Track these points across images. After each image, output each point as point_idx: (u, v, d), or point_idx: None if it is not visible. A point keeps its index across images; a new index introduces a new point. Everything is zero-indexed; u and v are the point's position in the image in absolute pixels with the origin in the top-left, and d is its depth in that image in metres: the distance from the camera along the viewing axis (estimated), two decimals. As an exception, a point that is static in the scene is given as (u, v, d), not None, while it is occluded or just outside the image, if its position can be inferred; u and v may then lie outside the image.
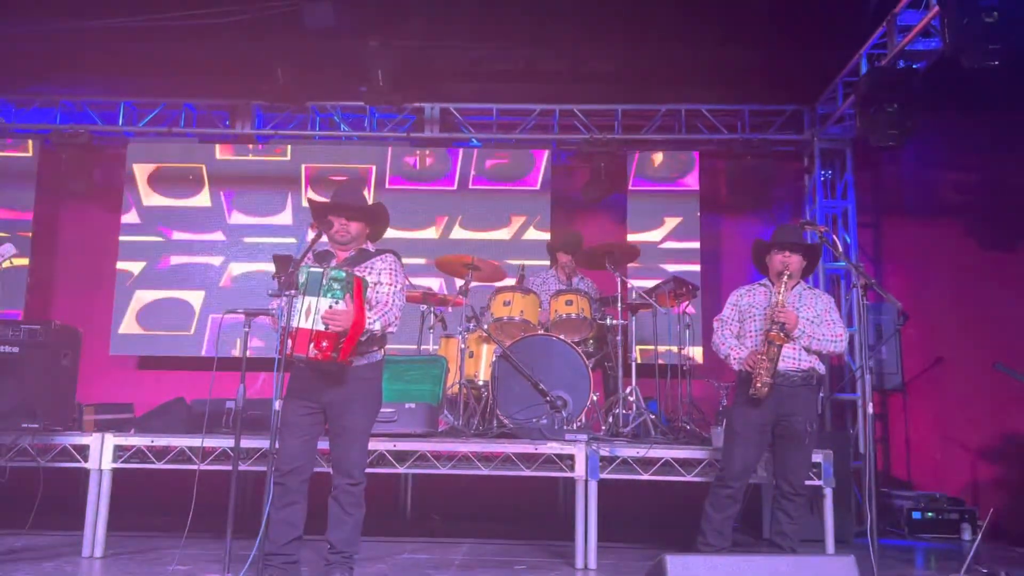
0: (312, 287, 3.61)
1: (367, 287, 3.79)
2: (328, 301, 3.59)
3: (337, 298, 3.60)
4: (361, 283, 3.71)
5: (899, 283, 7.64)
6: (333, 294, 3.60)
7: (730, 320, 4.57)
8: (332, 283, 3.60)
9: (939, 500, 6.59)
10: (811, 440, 4.37)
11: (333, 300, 3.59)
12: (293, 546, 3.81)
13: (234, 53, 7.26)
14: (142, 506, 5.63)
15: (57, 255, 8.18)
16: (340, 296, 3.60)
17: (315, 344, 3.57)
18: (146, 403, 5.97)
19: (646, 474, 4.92)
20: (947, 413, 7.44)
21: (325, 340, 3.58)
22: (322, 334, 3.57)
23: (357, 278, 3.69)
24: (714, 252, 8.06)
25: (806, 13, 6.50)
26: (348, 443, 3.84)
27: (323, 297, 3.59)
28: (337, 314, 3.58)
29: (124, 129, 8.08)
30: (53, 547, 4.98)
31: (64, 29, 6.72)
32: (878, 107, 6.12)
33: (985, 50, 5.21)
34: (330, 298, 3.59)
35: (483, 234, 7.94)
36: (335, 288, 3.60)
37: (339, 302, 3.59)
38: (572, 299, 5.88)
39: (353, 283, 3.65)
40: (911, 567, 5.31)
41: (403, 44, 7.26)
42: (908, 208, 7.96)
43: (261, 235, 7.99)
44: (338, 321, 3.58)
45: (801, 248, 4.45)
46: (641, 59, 7.56)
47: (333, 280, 3.61)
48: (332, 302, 3.59)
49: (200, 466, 4.65)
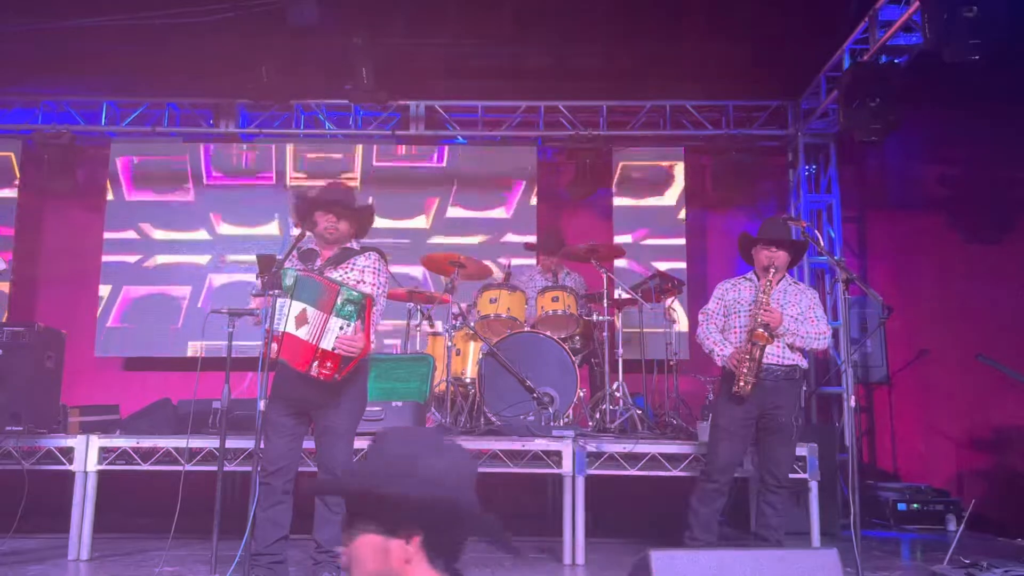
0: (305, 294, 3.54)
1: (375, 305, 3.74)
2: (340, 322, 3.51)
3: (351, 320, 3.53)
4: (371, 303, 3.66)
5: (883, 276, 7.69)
6: (347, 316, 3.52)
7: (715, 313, 4.58)
8: (347, 304, 3.52)
9: (924, 491, 6.64)
10: (795, 434, 4.41)
11: (346, 322, 3.52)
12: (279, 546, 3.81)
13: (218, 51, 7.21)
14: (128, 508, 5.60)
15: (40, 256, 8.12)
16: (353, 319, 3.53)
17: (320, 363, 3.52)
18: (132, 404, 5.94)
19: (633, 469, 4.94)
20: (932, 405, 7.49)
21: (330, 361, 3.53)
22: (329, 355, 3.52)
23: (368, 298, 3.64)
24: (700, 247, 8.08)
25: (789, 8, 6.53)
26: (333, 443, 3.84)
27: (335, 316, 3.51)
28: (354, 342, 3.53)
29: (107, 129, 8.04)
30: (38, 550, 4.95)
31: (45, 28, 6.66)
32: (861, 101, 6.16)
33: (966, 44, 5.23)
34: (343, 319, 3.51)
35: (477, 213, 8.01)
36: (349, 310, 3.52)
37: (351, 325, 3.53)
38: (558, 295, 5.89)
39: (366, 307, 3.59)
40: (896, 558, 5.35)
41: (388, 41, 7.24)
42: (892, 202, 8.01)
43: (246, 227, 7.98)
44: (354, 349, 3.54)
45: (787, 244, 4.46)
46: (626, 55, 7.57)
47: (348, 302, 3.52)
48: (345, 323, 3.52)
49: (186, 467, 4.64)
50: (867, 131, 6.25)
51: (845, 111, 6.37)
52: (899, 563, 5.20)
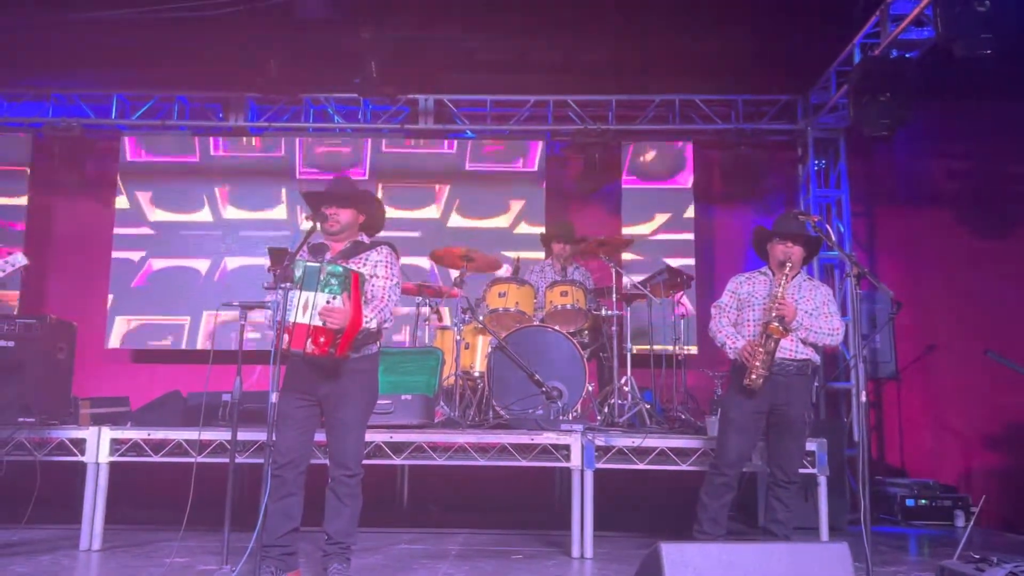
0: (309, 282, 3.60)
1: (364, 282, 3.79)
2: (325, 296, 3.58)
3: (335, 294, 3.59)
4: (359, 278, 3.71)
5: (892, 271, 7.68)
6: (331, 290, 3.59)
7: (728, 307, 4.56)
8: (329, 278, 3.60)
9: (932, 487, 6.64)
10: (806, 429, 4.41)
11: (330, 296, 3.58)
12: (290, 537, 3.83)
13: (227, 45, 7.21)
14: (139, 499, 5.64)
15: (51, 248, 8.16)
16: (338, 292, 3.60)
17: (312, 340, 3.57)
18: (142, 396, 5.99)
19: (641, 463, 4.95)
20: (940, 401, 7.49)
21: (323, 336, 3.58)
22: (319, 330, 3.57)
23: (355, 273, 3.69)
24: (708, 242, 8.07)
25: (800, 2, 6.50)
26: (344, 435, 3.85)
27: (320, 292, 3.58)
28: (334, 311, 3.58)
29: (117, 122, 8.06)
30: (50, 541, 4.98)
31: (55, 22, 6.68)
32: (871, 96, 6.13)
33: (977, 39, 5.21)
34: (327, 293, 3.58)
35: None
36: (332, 284, 3.59)
37: (336, 298, 3.59)
38: (567, 290, 5.89)
39: (351, 279, 3.64)
40: (905, 553, 5.35)
41: (396, 35, 7.23)
42: (901, 197, 7.98)
43: (256, 229, 8.01)
44: (335, 318, 3.58)
45: (803, 239, 4.43)
46: (635, 49, 7.55)
47: (331, 276, 3.60)
48: (329, 298, 3.58)
49: (197, 459, 4.66)
50: (877, 126, 6.22)
51: (855, 106, 6.34)
52: (907, 558, 5.20)
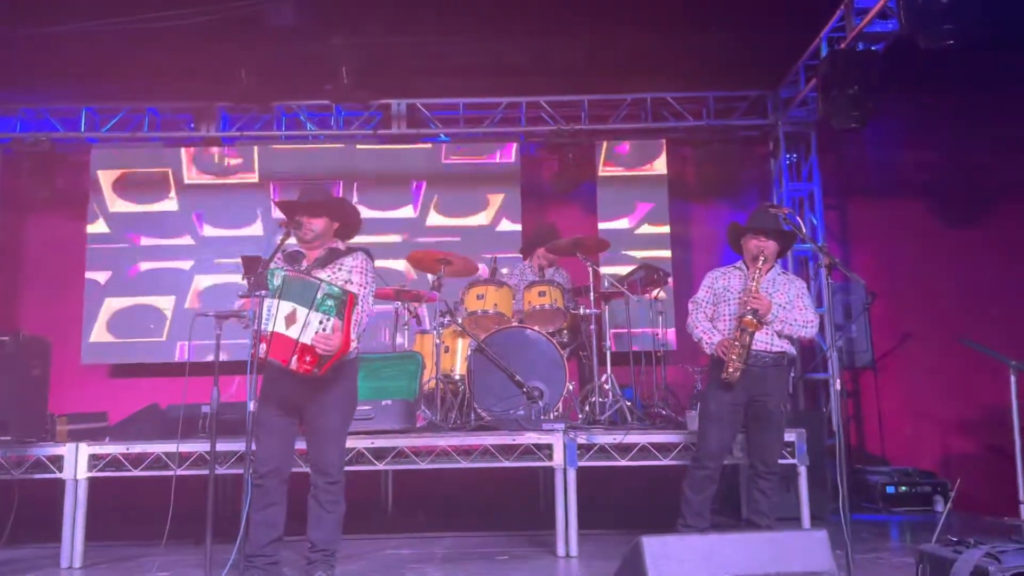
0: (294, 294, 3.57)
1: (356, 305, 3.75)
2: (319, 316, 3.55)
3: (330, 315, 3.57)
4: (353, 301, 3.69)
5: (866, 262, 7.76)
6: (327, 311, 3.57)
7: (704, 302, 4.60)
8: (327, 299, 3.57)
9: (912, 474, 6.72)
10: (784, 420, 4.45)
11: (325, 317, 3.56)
12: (274, 547, 3.81)
13: (196, 56, 7.17)
14: (120, 515, 5.58)
15: (22, 264, 8.07)
16: (332, 314, 3.57)
17: (298, 357, 3.55)
18: (120, 411, 5.91)
19: (623, 460, 4.97)
20: (917, 388, 7.57)
21: (309, 355, 3.56)
22: (308, 349, 3.55)
23: (350, 295, 3.67)
24: (684, 238, 8.12)
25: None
26: (325, 442, 3.85)
27: (315, 311, 3.55)
28: (330, 340, 3.56)
29: (86, 135, 7.98)
30: (31, 560, 4.92)
31: (21, 36, 6.60)
32: (839, 89, 6.19)
33: (940, 30, 5.27)
34: (322, 313, 3.56)
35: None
36: (328, 305, 3.57)
37: (330, 319, 3.57)
38: (545, 290, 5.91)
39: (346, 303, 3.63)
40: (885, 540, 5.41)
41: (367, 41, 7.22)
42: (872, 188, 8.07)
43: (230, 230, 7.96)
44: (330, 347, 3.57)
45: (776, 233, 4.48)
46: (606, 49, 7.58)
47: (328, 297, 3.57)
48: (324, 318, 3.56)
49: (177, 471, 4.62)
50: (846, 118, 6.28)
51: (824, 99, 6.40)
52: (888, 544, 5.27)
